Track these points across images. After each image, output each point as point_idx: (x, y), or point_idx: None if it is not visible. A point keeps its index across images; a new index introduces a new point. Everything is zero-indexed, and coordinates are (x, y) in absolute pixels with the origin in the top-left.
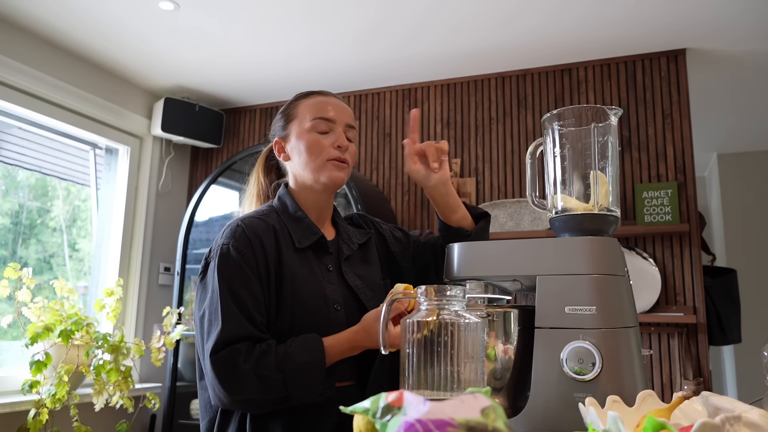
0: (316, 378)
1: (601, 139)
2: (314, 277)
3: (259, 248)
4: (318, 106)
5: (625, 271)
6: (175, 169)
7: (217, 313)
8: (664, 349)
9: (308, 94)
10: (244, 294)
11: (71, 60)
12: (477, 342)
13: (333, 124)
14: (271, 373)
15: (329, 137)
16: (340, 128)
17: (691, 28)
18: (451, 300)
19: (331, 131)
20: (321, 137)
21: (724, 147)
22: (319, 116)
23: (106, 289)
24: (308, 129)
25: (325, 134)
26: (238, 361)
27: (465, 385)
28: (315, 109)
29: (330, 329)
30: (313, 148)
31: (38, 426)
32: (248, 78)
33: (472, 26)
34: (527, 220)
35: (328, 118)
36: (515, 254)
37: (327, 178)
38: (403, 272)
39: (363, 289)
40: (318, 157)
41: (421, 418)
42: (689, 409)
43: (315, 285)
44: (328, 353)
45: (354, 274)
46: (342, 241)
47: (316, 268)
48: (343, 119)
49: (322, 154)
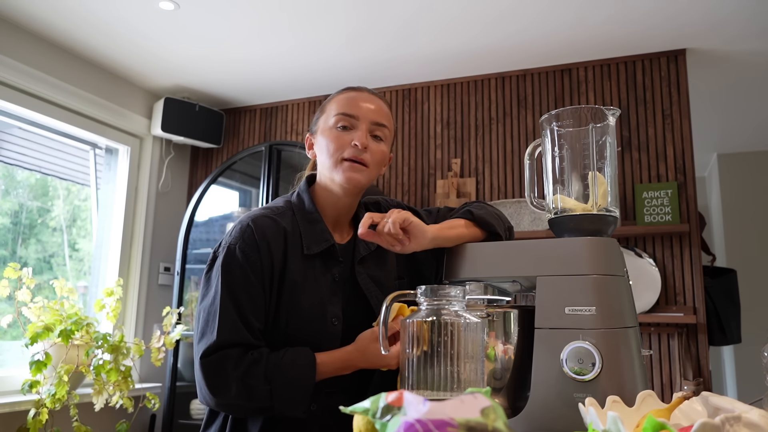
0: (303, 395)
1: (599, 140)
2: (317, 287)
3: (265, 252)
4: (345, 101)
5: (624, 271)
6: (175, 169)
7: (215, 316)
8: (664, 349)
9: (343, 90)
10: (244, 298)
11: (71, 60)
12: (477, 342)
13: (356, 120)
14: (259, 382)
15: (350, 134)
16: (364, 126)
17: (691, 28)
18: (451, 300)
19: (354, 128)
20: (341, 133)
21: (724, 147)
22: (341, 111)
23: (106, 289)
24: (331, 125)
25: (347, 130)
26: (228, 366)
27: (465, 385)
28: (340, 104)
29: (324, 343)
30: (331, 144)
31: (38, 426)
32: (248, 78)
33: (463, 26)
34: (527, 221)
35: (351, 114)
36: (515, 255)
37: (341, 179)
38: (420, 264)
39: (375, 293)
40: (334, 154)
41: (421, 418)
42: (689, 409)
43: (315, 296)
44: (320, 371)
45: (367, 276)
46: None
47: (320, 277)
48: (369, 116)
49: (339, 151)
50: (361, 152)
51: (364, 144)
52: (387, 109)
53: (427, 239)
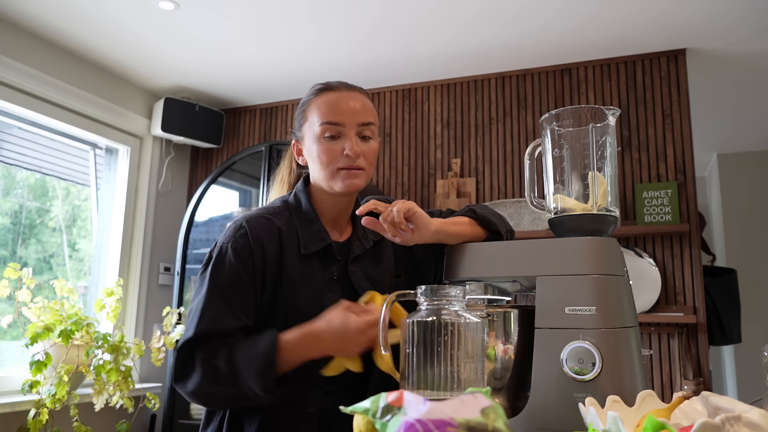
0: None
1: (599, 140)
2: (315, 285)
3: (258, 252)
4: (326, 107)
5: (624, 271)
6: (175, 169)
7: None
8: (664, 349)
9: (320, 90)
10: (233, 296)
11: (71, 60)
12: (477, 342)
13: (342, 128)
14: (221, 362)
15: (339, 143)
16: (351, 131)
17: (691, 28)
18: (451, 300)
19: (342, 136)
20: (331, 144)
21: (724, 147)
22: (326, 120)
23: (106, 289)
24: (318, 135)
25: (336, 140)
26: (197, 353)
27: (465, 385)
28: (323, 112)
29: None
30: (323, 157)
31: (38, 426)
32: (248, 78)
33: (477, 27)
34: (527, 220)
35: (336, 122)
36: (515, 255)
37: (340, 187)
38: (421, 265)
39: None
40: (328, 166)
41: (421, 418)
42: (689, 409)
43: (313, 294)
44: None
45: (362, 275)
46: (356, 237)
47: (319, 276)
48: (354, 120)
49: (333, 163)
50: (355, 160)
51: (357, 153)
52: (369, 103)
53: (430, 231)
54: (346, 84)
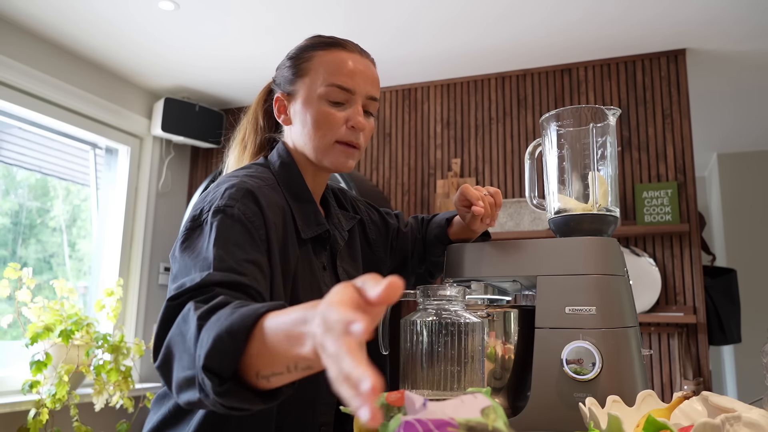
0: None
1: (599, 140)
2: (313, 275)
3: (271, 222)
4: (338, 67)
5: (624, 271)
6: (175, 169)
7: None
8: (664, 349)
9: (328, 44)
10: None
11: (71, 60)
12: (477, 342)
13: (352, 95)
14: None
15: (344, 111)
16: (359, 101)
17: (691, 28)
18: (451, 300)
19: (348, 103)
20: (333, 110)
21: (724, 147)
22: (336, 83)
23: (106, 289)
24: (320, 96)
25: (340, 106)
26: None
27: (465, 385)
28: (333, 71)
29: None
30: (321, 123)
31: (38, 426)
32: (248, 78)
33: (463, 26)
34: (527, 220)
35: (348, 88)
36: (515, 255)
37: (331, 164)
38: (379, 262)
39: None
40: (326, 135)
41: (421, 418)
42: (689, 408)
43: (313, 284)
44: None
45: (345, 272)
46: (333, 226)
47: (315, 264)
48: (365, 89)
49: (331, 132)
50: (357, 134)
51: (363, 126)
52: (377, 74)
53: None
54: (359, 47)
